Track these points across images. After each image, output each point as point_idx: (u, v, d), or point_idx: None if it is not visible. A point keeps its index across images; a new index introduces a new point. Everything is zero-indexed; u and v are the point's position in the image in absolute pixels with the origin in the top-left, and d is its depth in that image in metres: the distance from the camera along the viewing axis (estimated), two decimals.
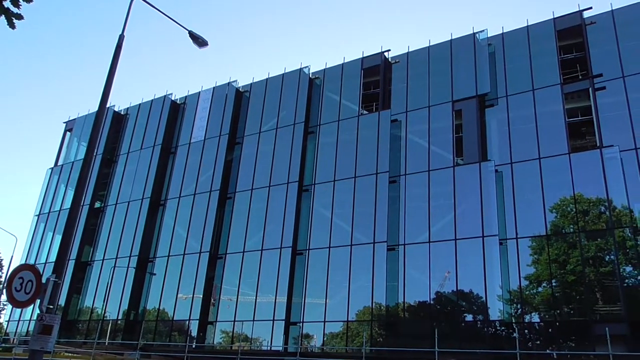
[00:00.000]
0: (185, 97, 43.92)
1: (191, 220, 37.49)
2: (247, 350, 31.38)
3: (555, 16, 31.58)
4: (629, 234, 25.63)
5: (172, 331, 35.08)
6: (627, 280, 25.10)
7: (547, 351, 25.28)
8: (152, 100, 44.70)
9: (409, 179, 31.64)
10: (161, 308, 35.94)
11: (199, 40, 16.48)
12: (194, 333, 33.60)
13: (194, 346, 32.72)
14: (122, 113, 46.82)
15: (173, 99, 44.02)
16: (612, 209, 25.94)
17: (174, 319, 34.98)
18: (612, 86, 28.67)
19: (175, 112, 43.71)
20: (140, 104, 45.53)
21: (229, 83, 41.25)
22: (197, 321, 33.67)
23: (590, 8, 30.68)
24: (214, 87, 42.08)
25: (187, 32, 16.14)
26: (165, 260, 37.10)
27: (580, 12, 30.99)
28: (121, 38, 13.25)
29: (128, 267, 37.75)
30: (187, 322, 34.20)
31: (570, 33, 31.20)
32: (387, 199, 31.09)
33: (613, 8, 30.26)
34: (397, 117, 33.76)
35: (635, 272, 25.21)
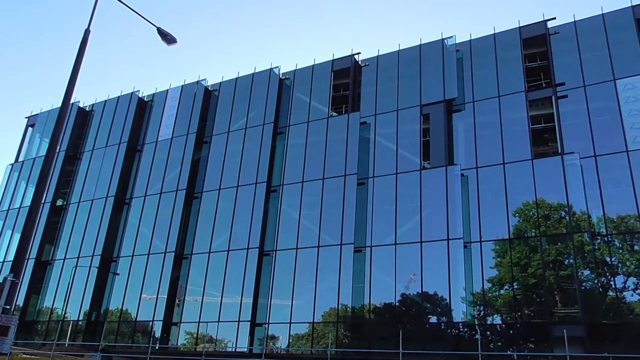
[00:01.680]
0: (153, 94, 43.28)
1: (157, 219, 36.92)
2: (212, 351, 31.07)
3: (521, 25, 32.34)
4: (587, 239, 26.44)
5: (135, 332, 34.47)
6: (584, 284, 25.88)
7: (508, 352, 25.82)
8: (118, 97, 43.89)
9: (376, 182, 31.88)
10: (124, 309, 35.26)
11: (167, 38, 16.32)
12: (158, 334, 33.08)
13: (157, 347, 32.22)
14: (87, 109, 45.82)
15: (140, 96, 43.33)
16: (571, 214, 26.70)
17: (137, 319, 34.38)
18: (574, 95, 29.56)
19: (142, 109, 43.02)
20: (106, 101, 44.65)
21: (198, 81, 40.83)
22: (161, 322, 33.18)
23: (554, 18, 31.61)
24: (182, 85, 41.60)
25: (156, 29, 15.94)
26: (129, 260, 36.43)
27: (545, 22, 31.85)
28: (87, 33, 13.00)
29: (90, 266, 36.92)
30: (151, 323, 33.67)
31: (535, 42, 32.02)
32: (355, 200, 31.27)
33: (576, 19, 31.20)
34: (366, 119, 34.00)
35: (593, 275, 26.03)
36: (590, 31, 30.62)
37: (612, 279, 25.91)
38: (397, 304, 28.57)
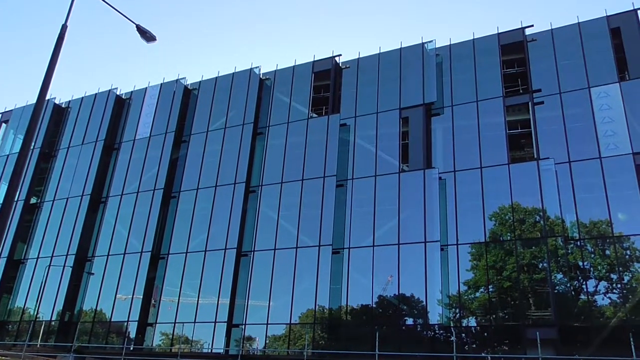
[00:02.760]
0: (131, 92, 42.77)
1: (133, 218, 36.49)
2: (187, 352, 30.83)
3: (499, 31, 32.79)
4: (561, 243, 26.93)
5: (109, 333, 33.99)
6: (557, 287, 26.36)
7: (482, 354, 26.13)
8: (95, 94, 43.28)
9: (355, 183, 32.00)
10: (98, 309, 34.75)
11: (146, 35, 16.17)
12: (133, 335, 32.68)
13: (131, 348, 31.82)
14: (63, 106, 45.06)
15: (118, 93, 42.79)
16: (546, 218, 27.16)
17: (112, 320, 33.91)
18: (550, 101, 30.10)
19: (120, 107, 42.50)
20: (83, 98, 43.97)
21: (177, 80, 40.50)
22: (136, 322, 32.79)
23: (532, 26, 32.16)
24: (161, 84, 41.21)
25: (135, 25, 15.78)
26: (105, 259, 35.92)
27: (523, 29, 32.36)
28: (64, 28, 12.82)
29: (64, 266, 36.30)
30: (126, 323, 33.24)
31: (513, 48, 32.52)
32: (333, 202, 31.33)
33: (552, 27, 31.78)
34: (346, 121, 34.11)
35: (565, 279, 26.53)
36: (566, 39, 31.21)
37: (584, 282, 26.44)
38: (374, 305, 28.71)
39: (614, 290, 25.57)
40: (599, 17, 30.73)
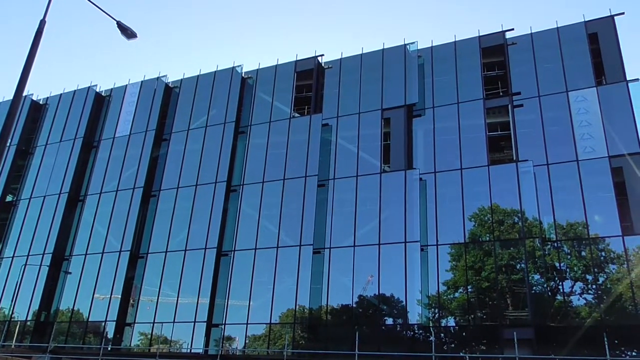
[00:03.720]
0: (111, 89, 42.27)
1: (112, 217, 36.07)
2: (166, 352, 30.58)
3: (480, 34, 33.14)
4: (538, 244, 27.33)
5: (86, 333, 33.53)
6: (534, 288, 26.75)
7: (460, 354, 26.39)
8: (74, 90, 42.67)
9: (337, 184, 32.06)
10: (76, 308, 34.27)
11: (127, 32, 16.02)
12: (110, 335, 32.31)
13: (109, 348, 31.46)
14: (40, 103, 44.34)
15: (98, 90, 42.24)
16: (524, 220, 27.54)
17: (89, 320, 33.47)
18: (529, 104, 30.51)
19: (99, 104, 41.97)
20: (61, 94, 43.33)
21: (158, 78, 40.13)
22: (114, 322, 32.41)
23: (512, 29, 32.61)
24: (142, 81, 40.80)
25: (115, 22, 15.62)
26: (83, 258, 35.45)
27: (503, 32, 32.76)
28: (42, 23, 12.64)
29: (41, 265, 35.72)
30: (104, 323, 32.84)
31: (494, 51, 32.89)
32: (315, 202, 31.36)
33: (532, 32, 32.23)
34: (328, 121, 34.16)
35: (542, 280, 26.94)
36: (545, 43, 31.68)
37: (560, 283, 26.87)
38: (354, 305, 28.79)
39: (589, 291, 26.04)
40: (577, 23, 31.25)
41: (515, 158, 29.51)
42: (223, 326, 30.60)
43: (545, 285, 26.97)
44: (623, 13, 30.35)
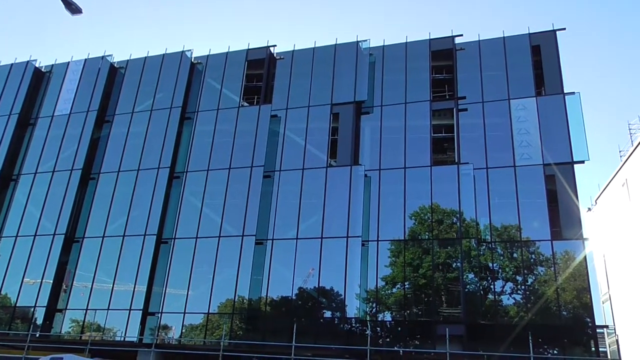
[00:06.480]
0: (52, 65, 40.35)
1: (47, 199, 34.58)
2: (98, 340, 29.78)
3: (431, 37, 33.89)
4: (474, 245, 28.45)
5: (13, 319, 32.14)
6: (468, 286, 27.86)
7: (395, 348, 27.16)
8: (12, 64, 40.42)
9: (283, 175, 32.09)
10: (3, 293, 32.75)
11: (72, 7, 15.46)
12: (40, 321, 31.10)
13: (37, 335, 30.28)
14: None
15: (37, 66, 40.25)
16: (462, 220, 28.54)
17: (17, 305, 32.08)
18: (473, 109, 31.52)
19: (38, 80, 39.99)
20: None
21: (103, 56, 38.64)
22: (44, 308, 31.20)
23: (461, 35, 33.48)
24: (85, 59, 39.17)
25: None
26: (13, 240, 33.82)
27: (453, 37, 33.63)
28: None
29: None
30: (33, 309, 31.58)
31: (442, 55, 33.71)
32: (259, 193, 31.26)
33: (480, 39, 33.28)
34: (277, 112, 34.04)
35: (476, 279, 28.09)
36: (492, 51, 32.77)
37: (492, 283, 28.10)
38: (294, 297, 29.01)
39: (519, 291, 27.38)
40: (522, 34, 32.47)
41: (457, 160, 30.46)
42: (160, 315, 30.12)
43: (478, 285, 28.12)
44: (564, 28, 31.81)
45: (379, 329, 28.47)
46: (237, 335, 28.98)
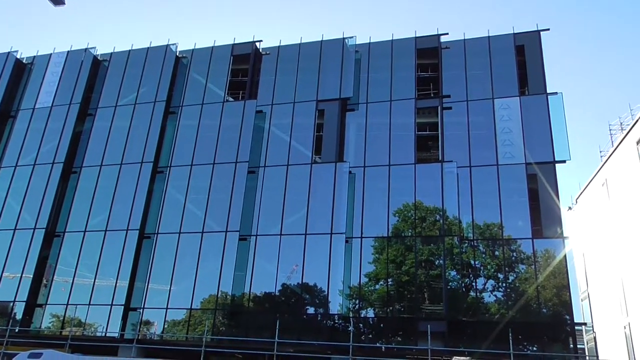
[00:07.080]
0: (34, 57, 39.71)
1: (27, 192, 34.08)
2: (79, 335, 29.52)
3: (416, 35, 34.00)
4: (457, 242, 28.70)
5: None
6: (450, 283, 28.12)
7: (377, 344, 27.32)
8: None
9: (267, 171, 32.03)
10: None
11: None
12: (19, 316, 30.72)
13: (17, 330, 29.92)
14: None
15: (19, 57, 39.59)
16: (445, 218, 28.77)
17: None
18: (457, 107, 31.73)
19: (19, 72, 39.33)
20: None
21: (86, 49, 38.14)
22: (24, 303, 30.83)
23: (447, 34, 33.65)
24: (68, 51, 38.62)
25: None
26: None
27: (438, 36, 33.79)
28: None
29: None
30: (12, 304, 31.17)
31: (428, 53, 33.87)
32: (244, 188, 31.18)
33: (465, 38, 33.47)
34: (262, 108, 33.94)
35: (458, 276, 28.36)
36: (476, 51, 32.97)
37: (474, 280, 28.39)
38: (277, 293, 29.02)
39: (500, 289, 27.70)
40: (507, 34, 32.73)
41: (440, 158, 30.66)
42: (141, 310, 29.93)
43: (460, 282, 28.39)
44: (548, 29, 32.14)
45: (361, 325, 28.61)
46: (219, 331, 28.92)
